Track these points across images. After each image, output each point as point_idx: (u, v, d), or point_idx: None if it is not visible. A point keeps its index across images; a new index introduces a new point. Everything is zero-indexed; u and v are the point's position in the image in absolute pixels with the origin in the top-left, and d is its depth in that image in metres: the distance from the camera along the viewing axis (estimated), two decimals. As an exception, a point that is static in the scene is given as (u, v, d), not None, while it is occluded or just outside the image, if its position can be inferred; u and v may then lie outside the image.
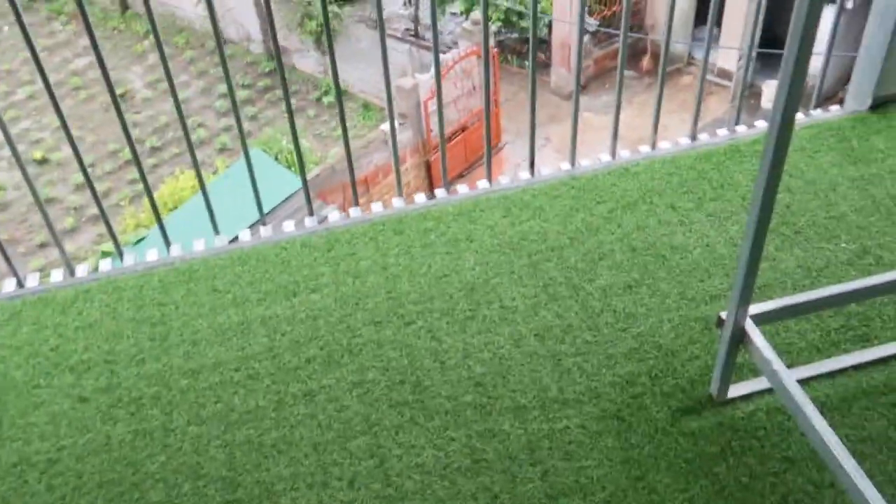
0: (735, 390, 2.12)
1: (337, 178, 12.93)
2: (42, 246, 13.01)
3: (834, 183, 2.70)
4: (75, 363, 2.30)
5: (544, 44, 15.57)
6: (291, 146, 12.84)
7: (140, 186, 14.05)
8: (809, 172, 2.74)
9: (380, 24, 2.57)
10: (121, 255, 2.67)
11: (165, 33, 17.14)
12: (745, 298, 1.90)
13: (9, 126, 2.46)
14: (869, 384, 2.12)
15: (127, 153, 14.70)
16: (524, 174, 2.86)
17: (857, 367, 2.16)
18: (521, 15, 14.78)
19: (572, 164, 2.88)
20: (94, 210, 13.83)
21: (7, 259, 2.55)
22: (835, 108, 3.02)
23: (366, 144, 14.05)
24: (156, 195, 12.18)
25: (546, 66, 15.56)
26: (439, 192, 2.81)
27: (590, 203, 2.70)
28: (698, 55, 15.29)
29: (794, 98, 1.57)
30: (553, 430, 2.08)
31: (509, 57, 15.64)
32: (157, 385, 2.24)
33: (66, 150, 14.76)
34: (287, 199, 10.18)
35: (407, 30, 16.90)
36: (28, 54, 2.37)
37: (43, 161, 14.40)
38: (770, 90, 13.57)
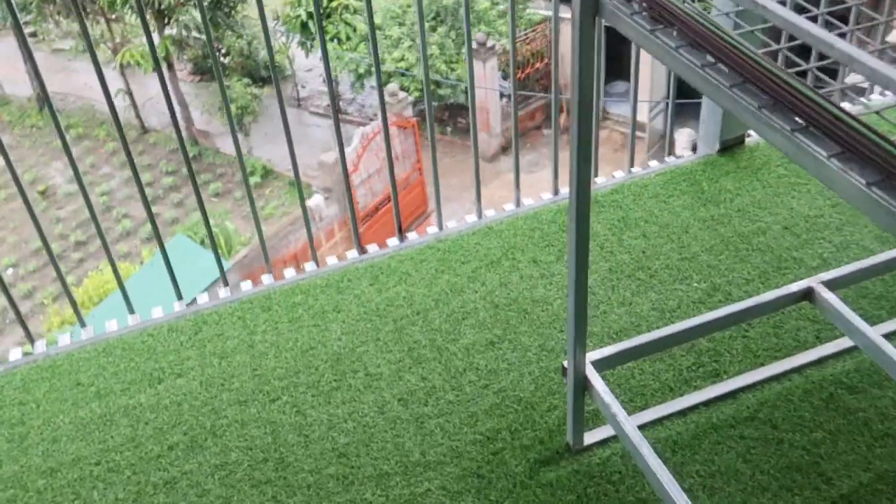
0: (591, 437, 2.16)
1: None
2: (-37, 351, 12.64)
3: (686, 225, 2.80)
4: (-72, 472, 2.24)
5: (464, 109, 15.90)
6: (217, 229, 12.74)
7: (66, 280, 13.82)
8: (663, 217, 2.84)
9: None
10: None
11: (86, 126, 17.10)
12: (581, 345, 1.95)
13: None
14: (718, 419, 2.18)
15: (54, 249, 14.51)
16: (392, 240, 2.91)
17: (706, 404, 2.22)
18: (437, 83, 15.09)
19: (440, 226, 2.94)
20: (21, 309, 13.56)
21: None
22: (688, 153, 3.15)
23: (293, 221, 14.09)
24: (81, 290, 11.94)
25: (467, 131, 15.85)
26: (308, 266, 2.83)
27: (455, 264, 2.75)
28: (613, 109, 15.81)
29: (585, 163, 1.64)
30: (414, 494, 2.08)
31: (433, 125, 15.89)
32: (13, 488, 2.18)
33: (-12, 252, 14.48)
34: (212, 283, 10.10)
35: (328, 106, 17.12)
36: None
37: (-38, 264, 14.07)
38: (683, 137, 14.04)
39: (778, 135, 1.09)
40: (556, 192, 3.04)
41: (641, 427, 2.17)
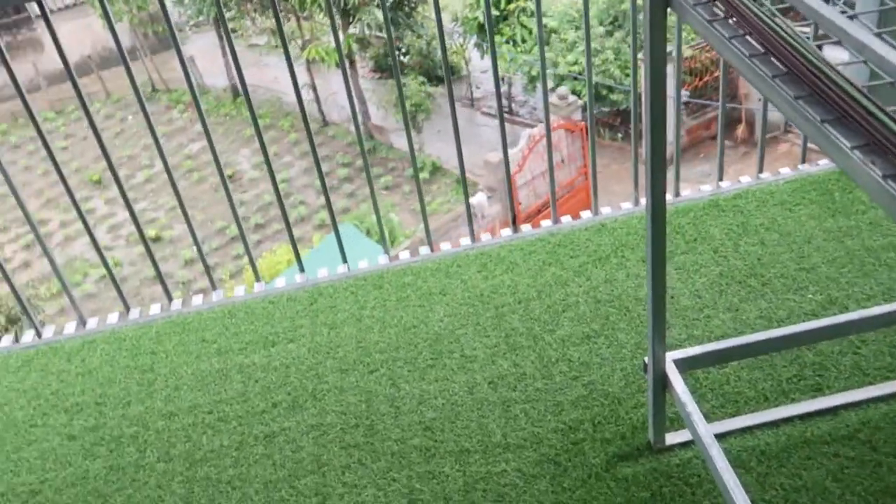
0: (674, 437, 2.13)
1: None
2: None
3: (810, 235, 2.68)
4: (70, 405, 2.52)
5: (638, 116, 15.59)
6: (383, 221, 13.25)
7: (242, 261, 14.80)
8: (786, 225, 2.73)
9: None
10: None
11: (273, 117, 18.20)
12: (660, 341, 1.93)
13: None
14: (813, 434, 2.09)
15: (233, 230, 15.58)
16: (506, 231, 2.97)
17: (802, 417, 2.13)
18: (610, 89, 14.92)
19: (554, 220, 2.97)
20: (201, 284, 14.62)
21: (27, 314, 2.84)
22: (824, 161, 3.00)
23: (456, 217, 14.39)
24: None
25: (639, 138, 15.53)
26: (422, 250, 2.94)
27: (563, 257, 2.78)
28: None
29: (658, 172, 1.64)
30: (491, 473, 2.14)
31: (601, 130, 15.75)
32: (136, 425, 2.43)
33: (178, 229, 15.73)
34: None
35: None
36: (148, 140, 2.74)
37: (156, 239, 15.35)
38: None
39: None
40: (677, 193, 2.99)
41: (729, 434, 2.12)
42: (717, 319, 2.45)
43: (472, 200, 13.76)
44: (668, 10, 1.47)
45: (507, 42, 15.83)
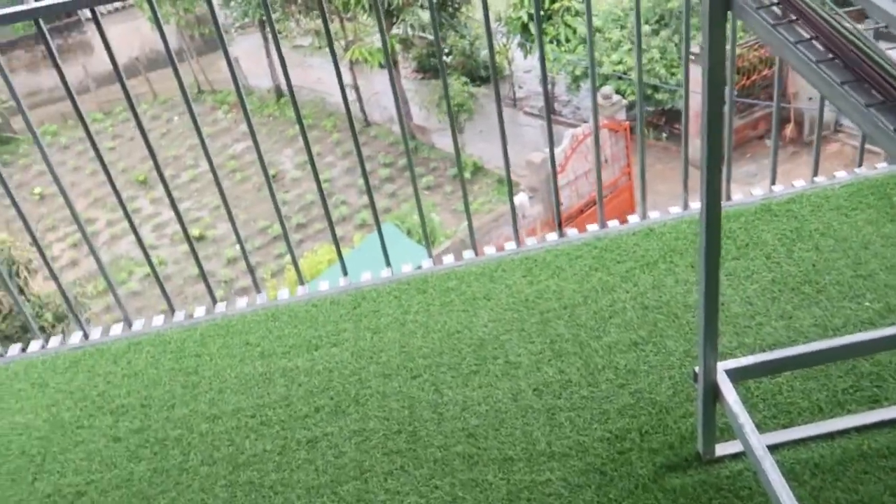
0: (724, 448, 2.07)
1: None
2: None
3: (867, 241, 2.59)
4: (116, 407, 2.54)
5: (681, 115, 15.41)
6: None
7: (283, 260, 14.91)
8: (842, 230, 2.65)
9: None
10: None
11: (316, 117, 18.32)
12: (712, 351, 1.88)
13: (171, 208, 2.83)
14: (870, 447, 2.02)
15: (275, 229, 15.71)
16: (552, 235, 2.92)
17: (859, 430, 2.06)
18: (655, 88, 14.75)
19: (601, 225, 2.92)
20: (242, 283, 14.77)
21: (75, 315, 2.87)
22: (881, 165, 2.91)
23: (496, 217, 14.33)
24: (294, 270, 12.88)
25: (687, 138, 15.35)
26: (466, 254, 2.91)
27: (610, 263, 2.73)
28: (847, 122, 14.68)
29: (713, 177, 1.60)
30: (535, 481, 2.10)
31: (646, 130, 15.57)
32: (181, 428, 2.44)
33: (221, 228, 15.91)
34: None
35: (543, 106, 17.23)
36: (193, 141, 2.76)
37: (200, 238, 15.54)
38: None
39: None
40: (727, 197, 2.92)
41: (781, 446, 2.06)
42: (770, 327, 2.38)
43: (514, 201, 13.72)
44: (728, 12, 1.42)
45: (551, 42, 15.71)
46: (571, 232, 2.93)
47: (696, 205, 2.95)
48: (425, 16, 15.92)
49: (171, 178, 17.62)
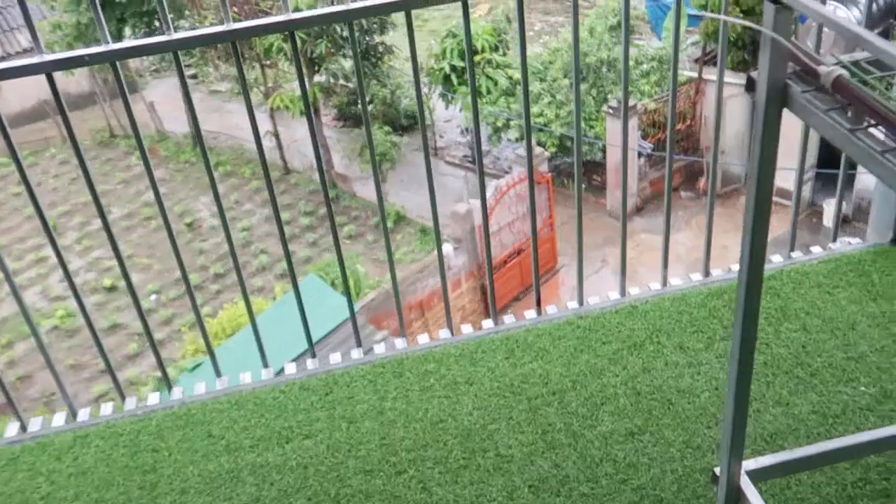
0: (740, 552, 1.97)
1: (392, 302, 13.02)
2: (104, 372, 13.30)
3: (853, 321, 2.57)
4: (63, 512, 2.28)
5: (600, 167, 15.72)
6: (348, 272, 12.85)
7: (203, 310, 14.41)
8: (827, 310, 2.63)
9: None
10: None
11: (234, 164, 17.93)
12: (737, 453, 1.78)
13: (82, 255, 2.54)
14: (888, 546, 1.95)
15: (193, 279, 15.19)
16: (530, 312, 2.81)
17: (875, 527, 1.99)
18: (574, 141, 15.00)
19: (580, 302, 2.82)
20: (157, 336, 14.17)
21: (11, 404, 2.59)
22: (856, 240, 2.92)
23: (421, 269, 14.20)
24: (216, 321, 12.37)
25: (601, 189, 15.68)
26: (443, 333, 2.77)
27: (595, 343, 2.62)
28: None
29: (759, 245, 1.50)
30: None
31: (565, 181, 15.80)
32: (140, 537, 2.19)
33: (135, 278, 15.27)
34: (339, 325, 10.26)
35: (465, 156, 17.32)
36: (105, 186, 2.48)
37: (112, 288, 14.89)
38: (831, 209, 13.35)
39: None
40: (706, 273, 2.88)
41: (797, 547, 1.97)
42: (768, 414, 2.31)
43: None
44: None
45: (473, 93, 15.84)
46: (551, 309, 2.82)
47: (675, 280, 2.89)
48: (347, 64, 15.86)
49: (80, 225, 16.99)
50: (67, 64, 2.05)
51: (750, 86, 1.35)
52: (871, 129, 1.19)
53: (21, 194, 17.37)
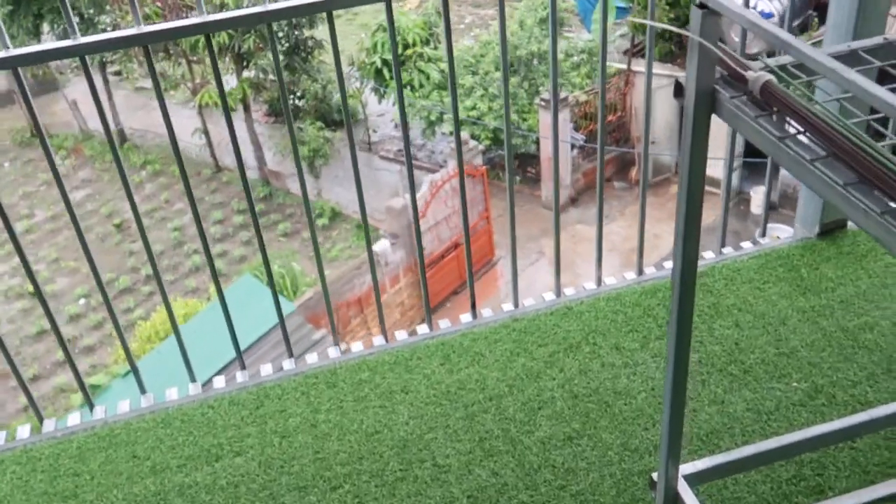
0: (679, 555, 1.96)
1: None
2: (34, 379, 12.87)
3: (784, 316, 2.59)
4: (-23, 546, 2.15)
5: (534, 159, 15.81)
6: (283, 270, 12.62)
7: (133, 315, 14.04)
8: (758, 305, 2.64)
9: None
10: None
11: (164, 163, 17.52)
12: (675, 459, 1.77)
13: (4, 260, 2.40)
14: (823, 543, 1.96)
15: (122, 282, 14.80)
16: (465, 316, 2.77)
17: (810, 524, 2.00)
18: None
19: (515, 304, 2.79)
20: (87, 341, 13.78)
21: (-81, 430, 2.44)
22: (784, 234, 2.95)
23: (359, 265, 14.09)
24: (149, 324, 12.03)
25: (536, 180, 15.77)
26: (377, 341, 2.71)
27: (531, 346, 2.59)
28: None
29: (691, 250, 1.48)
30: None
31: (500, 174, 15.84)
32: (61, 568, 2.08)
33: (61, 282, 14.82)
34: (274, 327, 10.09)
35: (399, 151, 17.22)
36: (27, 188, 2.32)
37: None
38: (758, 196, 13.67)
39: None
40: (640, 271, 2.87)
41: (735, 547, 1.97)
42: (704, 413, 2.31)
43: (375, 247, 13.53)
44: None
45: (405, 87, 15.76)
46: (486, 312, 2.78)
47: (609, 280, 2.88)
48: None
49: (1, 229, 16.38)
50: (-35, 70, 1.91)
51: (678, 91, 1.32)
52: (801, 137, 1.17)
53: (-63, 198, 16.71)
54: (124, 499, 2.24)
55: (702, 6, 1.21)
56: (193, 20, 2.01)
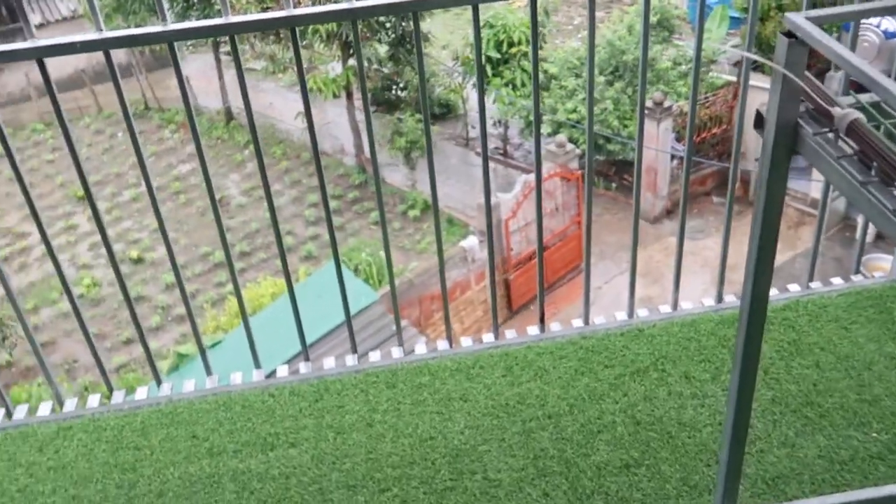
0: None
1: (414, 291, 13.02)
2: (127, 342, 13.39)
3: (870, 360, 2.44)
4: (38, 507, 2.23)
5: (632, 166, 15.51)
6: (371, 259, 12.75)
7: (224, 289, 14.44)
8: (843, 346, 2.50)
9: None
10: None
11: (265, 144, 17.94)
12: (731, 499, 1.69)
13: (111, 226, 2.50)
14: None
15: (217, 256, 15.24)
16: (533, 329, 2.72)
17: (875, 587, 1.88)
18: (607, 139, 14.80)
19: (585, 321, 2.72)
20: (181, 310, 14.25)
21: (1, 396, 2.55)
22: (878, 273, 2.78)
23: (447, 259, 14.13)
24: (235, 301, 12.39)
25: (632, 188, 15.46)
26: (440, 345, 2.69)
27: (597, 366, 2.53)
28: (795, 186, 14.91)
29: (762, 278, 1.40)
30: None
31: (597, 178, 15.61)
32: (112, 539, 2.14)
33: (161, 251, 15.37)
34: (357, 314, 10.21)
35: (496, 148, 17.17)
36: (135, 159, 2.42)
37: (138, 260, 14.99)
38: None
39: None
40: (719, 298, 2.76)
41: None
42: (772, 455, 2.20)
43: (463, 244, 13.54)
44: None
45: (507, 85, 15.70)
46: (555, 326, 2.72)
47: (686, 304, 2.78)
48: (382, 49, 15.76)
49: (111, 195, 17.09)
50: (58, 50, 1.98)
51: (758, 122, 1.25)
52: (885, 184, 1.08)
53: (54, 162, 17.56)
54: (180, 477, 2.29)
55: (789, 35, 1.13)
56: (280, 13, 2.03)
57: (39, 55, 1.97)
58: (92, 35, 1.99)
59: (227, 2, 2.01)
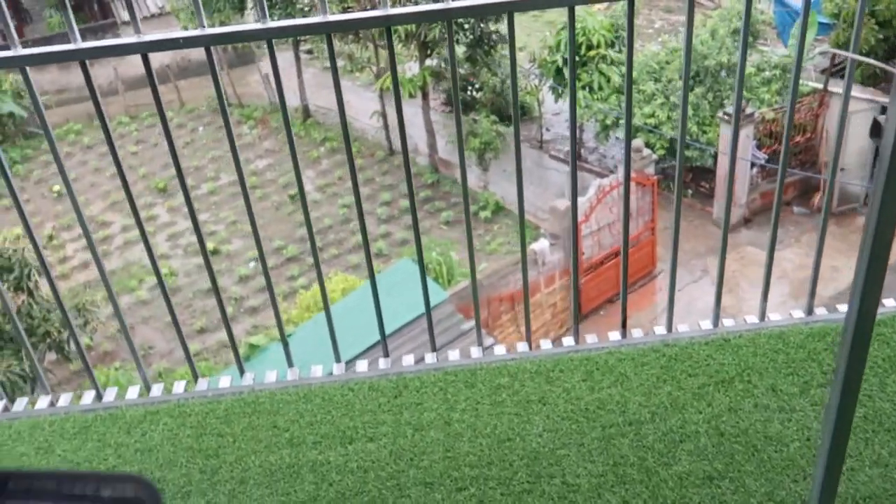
0: None
1: (483, 292, 13.00)
2: (200, 331, 13.72)
3: (970, 381, 2.34)
4: (126, 488, 2.29)
5: (709, 174, 15.21)
6: (441, 258, 12.79)
7: (296, 283, 14.67)
8: (941, 365, 2.40)
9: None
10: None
11: (340, 140, 18.17)
12: (824, 522, 1.63)
13: (189, 217, 2.59)
14: None
15: (290, 250, 15.50)
16: (614, 334, 2.68)
17: None
18: (686, 145, 14.56)
19: (668, 328, 2.68)
20: (253, 302, 14.53)
21: (89, 373, 2.63)
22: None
23: (516, 261, 14.08)
24: (309, 293, 12.52)
25: (708, 196, 15.19)
26: (520, 346, 2.67)
27: (680, 375, 2.48)
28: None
29: (872, 289, 1.35)
30: None
31: (671, 184, 15.36)
32: (195, 523, 2.19)
33: (236, 244, 15.71)
34: (431, 309, 10.26)
35: (569, 151, 17.05)
36: (216, 152, 2.49)
37: (214, 252, 15.34)
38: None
39: None
40: (809, 310, 2.68)
41: None
42: (864, 474, 2.13)
43: (534, 246, 13.47)
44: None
45: (584, 88, 15.56)
46: (636, 333, 2.68)
47: (774, 316, 2.71)
48: (461, 50, 15.79)
49: (190, 188, 17.54)
50: (162, 46, 2.04)
51: (875, 131, 1.20)
52: None
53: (137, 154, 18.11)
54: (260, 466, 2.33)
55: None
56: (377, 12, 2.04)
57: (144, 50, 2.03)
58: (194, 31, 2.04)
59: (326, 2, 2.04)
